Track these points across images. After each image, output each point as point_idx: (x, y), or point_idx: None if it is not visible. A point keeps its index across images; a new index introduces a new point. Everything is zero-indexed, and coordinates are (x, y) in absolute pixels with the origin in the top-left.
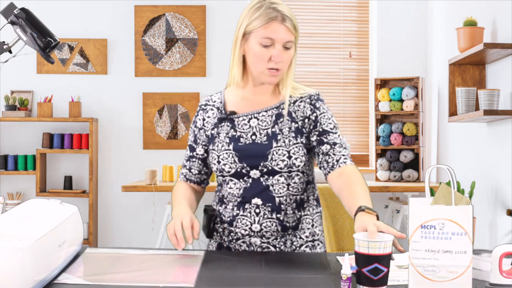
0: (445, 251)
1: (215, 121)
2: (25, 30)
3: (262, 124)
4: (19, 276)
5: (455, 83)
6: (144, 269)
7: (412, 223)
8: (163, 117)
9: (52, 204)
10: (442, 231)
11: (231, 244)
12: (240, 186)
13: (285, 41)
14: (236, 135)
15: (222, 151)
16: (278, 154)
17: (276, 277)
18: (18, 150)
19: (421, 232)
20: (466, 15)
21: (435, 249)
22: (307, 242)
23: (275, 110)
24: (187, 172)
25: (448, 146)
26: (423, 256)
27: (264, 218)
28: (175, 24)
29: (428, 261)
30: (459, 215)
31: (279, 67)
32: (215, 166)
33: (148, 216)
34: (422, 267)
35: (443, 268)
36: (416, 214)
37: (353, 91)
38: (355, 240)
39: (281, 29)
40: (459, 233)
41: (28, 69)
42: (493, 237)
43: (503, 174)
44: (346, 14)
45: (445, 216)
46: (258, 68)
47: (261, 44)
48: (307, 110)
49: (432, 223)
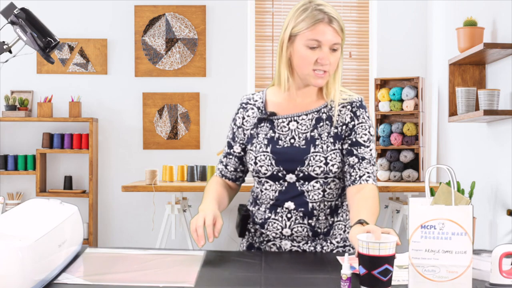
0: (445, 251)
1: (254, 120)
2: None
3: (301, 128)
4: (19, 276)
5: (455, 83)
6: (144, 269)
7: (412, 223)
8: (163, 117)
9: (52, 204)
10: (442, 231)
11: (261, 245)
12: (276, 189)
13: (332, 43)
14: (275, 137)
15: (260, 153)
16: (315, 160)
17: (276, 277)
18: (18, 150)
19: (421, 232)
20: (466, 15)
21: (435, 249)
22: (338, 248)
23: (316, 114)
24: (223, 168)
25: (448, 146)
26: (423, 256)
27: (295, 223)
28: (175, 24)
29: (428, 261)
30: (459, 215)
31: (326, 69)
32: (252, 166)
33: (148, 216)
34: (422, 267)
35: (443, 268)
36: (416, 214)
37: (353, 91)
38: (362, 243)
39: (328, 31)
40: (459, 233)
41: (28, 69)
42: (493, 237)
43: (503, 174)
44: (346, 14)
45: (445, 216)
46: (304, 71)
47: (308, 46)
48: (347, 117)
49: (432, 223)
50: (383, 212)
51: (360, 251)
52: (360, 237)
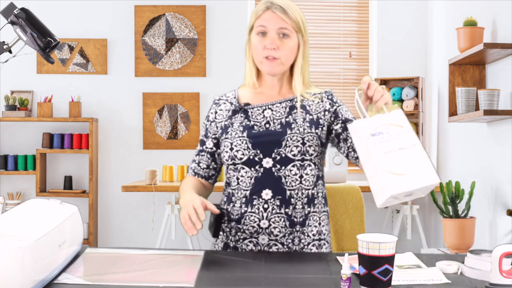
0: (399, 148)
1: (228, 113)
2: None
3: (276, 115)
4: (19, 276)
5: (455, 83)
6: (144, 269)
7: (363, 137)
8: (163, 117)
9: (52, 204)
10: (389, 134)
11: (238, 244)
12: (252, 175)
13: (277, 28)
14: (250, 124)
15: (236, 138)
16: (292, 140)
17: (276, 277)
18: (18, 150)
19: (373, 140)
20: (466, 15)
21: (391, 149)
22: (314, 241)
23: (289, 103)
24: (196, 166)
25: (448, 146)
26: (385, 158)
27: (272, 213)
28: (175, 24)
29: (391, 161)
30: (396, 118)
31: (276, 55)
32: (227, 153)
33: (148, 216)
34: (391, 166)
35: (406, 162)
36: (362, 129)
37: (353, 91)
38: (361, 243)
39: (272, 16)
40: (403, 132)
41: (28, 69)
42: (493, 237)
43: (503, 174)
44: (346, 14)
45: (386, 122)
46: (257, 58)
47: (257, 34)
48: (326, 104)
49: (379, 130)
50: (383, 212)
51: (360, 251)
52: (360, 237)
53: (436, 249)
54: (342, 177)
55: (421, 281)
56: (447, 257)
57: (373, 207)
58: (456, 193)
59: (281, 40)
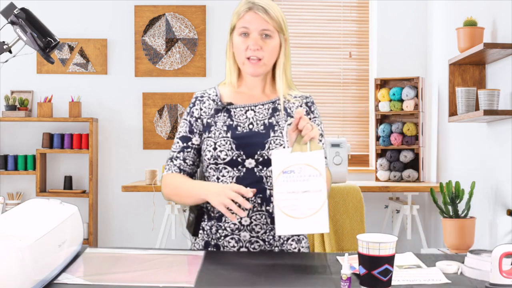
0: (304, 191)
1: (211, 111)
2: (25, 30)
3: (259, 116)
4: (19, 276)
5: (455, 83)
6: (144, 269)
7: (275, 170)
8: (163, 117)
9: (52, 204)
10: (300, 174)
11: (219, 241)
12: (233, 175)
13: (260, 29)
14: (233, 124)
15: (219, 138)
16: (275, 144)
17: (276, 277)
18: (18, 150)
19: (283, 177)
20: (466, 15)
21: (295, 191)
22: (293, 236)
23: (271, 105)
24: (181, 163)
25: (448, 146)
26: (286, 197)
27: (253, 210)
28: (175, 24)
29: (290, 202)
30: (314, 159)
31: (258, 55)
32: (210, 153)
33: (148, 216)
34: (286, 207)
35: (303, 206)
36: (278, 162)
37: (353, 91)
38: (361, 243)
39: (254, 17)
40: (315, 175)
41: (28, 69)
42: (493, 237)
43: (503, 174)
44: (346, 14)
45: (302, 161)
46: (239, 59)
47: (239, 35)
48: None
49: (292, 168)
50: (383, 212)
51: (360, 251)
52: (360, 237)
53: (436, 249)
54: (342, 177)
55: (421, 281)
56: (447, 257)
57: (373, 207)
58: (456, 193)
59: (264, 41)
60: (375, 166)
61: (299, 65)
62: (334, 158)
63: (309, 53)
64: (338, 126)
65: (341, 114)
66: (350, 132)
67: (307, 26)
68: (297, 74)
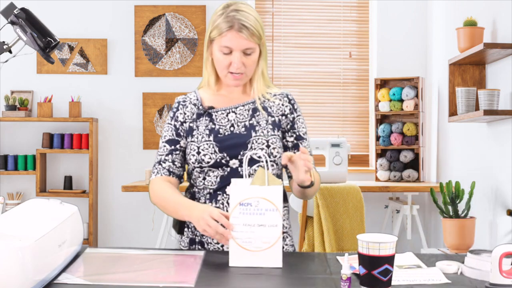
0: (259, 225)
1: (193, 116)
2: (25, 30)
3: (240, 117)
4: (19, 276)
5: (455, 83)
6: (144, 269)
7: (232, 202)
8: (163, 117)
9: (52, 204)
10: (257, 208)
11: (203, 238)
12: (218, 175)
13: (243, 49)
14: (215, 128)
15: (202, 142)
16: (257, 143)
17: (276, 277)
18: (18, 150)
19: (239, 209)
20: (466, 15)
21: (251, 223)
22: None
23: (252, 105)
24: (171, 165)
25: (448, 146)
26: (241, 229)
27: None
28: (175, 24)
29: (245, 234)
30: (271, 194)
31: (241, 71)
32: (194, 157)
33: (148, 216)
34: (241, 239)
35: (258, 239)
36: (235, 193)
37: (353, 91)
38: (361, 243)
39: (238, 37)
40: (271, 209)
41: (28, 69)
42: (493, 237)
43: (503, 174)
44: (346, 14)
45: (260, 195)
46: (221, 73)
47: (221, 52)
48: (286, 108)
49: (249, 201)
50: (383, 212)
51: (360, 251)
52: (360, 237)
53: (436, 249)
54: (342, 177)
55: (421, 281)
56: (447, 257)
57: (373, 207)
58: (456, 193)
59: (246, 57)
60: (375, 166)
61: (299, 65)
62: (334, 158)
63: (309, 53)
64: (338, 126)
65: (341, 114)
66: (350, 132)
67: (307, 26)
68: (297, 74)
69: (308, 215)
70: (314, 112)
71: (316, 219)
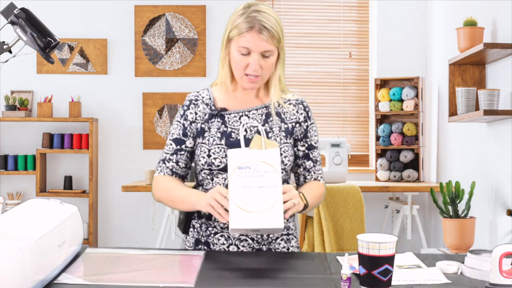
0: (259, 186)
1: (205, 116)
2: (25, 30)
3: (253, 122)
4: (19, 276)
5: (455, 83)
6: (144, 269)
7: (230, 166)
8: (163, 117)
9: (52, 204)
10: (255, 170)
11: (209, 239)
12: (226, 177)
13: (262, 51)
14: (227, 131)
15: (214, 145)
16: None
17: (276, 277)
18: (18, 150)
19: (238, 172)
20: (466, 15)
21: (250, 186)
22: (282, 235)
23: (265, 109)
24: (174, 166)
25: (448, 146)
26: (241, 191)
27: None
28: (175, 24)
29: (245, 196)
30: (269, 157)
31: (258, 73)
32: (204, 159)
33: (148, 216)
34: (240, 201)
35: (258, 201)
36: (234, 158)
37: (353, 91)
38: (361, 243)
39: (258, 39)
40: (270, 171)
41: (28, 69)
42: (493, 237)
43: (503, 174)
44: (346, 14)
45: (258, 158)
46: (237, 74)
47: (239, 52)
48: (300, 116)
49: (248, 164)
50: (383, 212)
51: (360, 251)
52: (360, 237)
53: (436, 249)
54: (342, 177)
55: (421, 281)
56: (447, 257)
57: (373, 207)
58: (456, 193)
59: (264, 60)
60: (375, 166)
61: (299, 65)
62: (334, 158)
63: (309, 53)
64: (338, 126)
65: (341, 114)
66: (350, 132)
67: (307, 26)
68: (297, 74)
69: (308, 215)
70: (314, 112)
71: (316, 219)
